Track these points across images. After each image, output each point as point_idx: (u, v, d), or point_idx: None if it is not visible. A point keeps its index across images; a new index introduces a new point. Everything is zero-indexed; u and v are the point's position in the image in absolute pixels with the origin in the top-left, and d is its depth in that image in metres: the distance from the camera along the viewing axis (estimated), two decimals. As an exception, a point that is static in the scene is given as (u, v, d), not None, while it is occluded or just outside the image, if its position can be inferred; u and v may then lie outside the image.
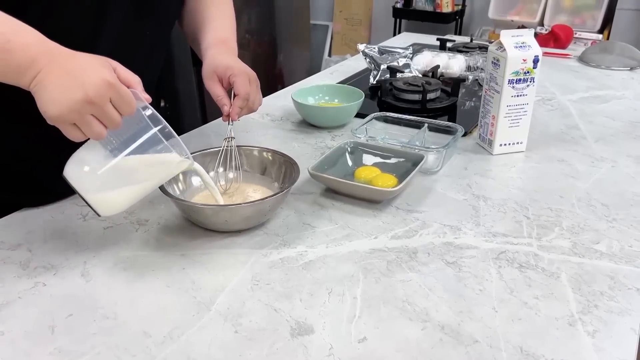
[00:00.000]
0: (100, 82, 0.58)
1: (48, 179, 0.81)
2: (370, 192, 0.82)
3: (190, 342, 0.57)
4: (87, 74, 0.58)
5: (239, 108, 0.83)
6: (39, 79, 0.59)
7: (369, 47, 1.43)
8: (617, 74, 1.50)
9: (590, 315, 0.60)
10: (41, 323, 0.59)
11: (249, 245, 0.73)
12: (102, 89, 0.58)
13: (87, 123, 0.59)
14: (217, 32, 0.93)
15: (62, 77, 0.58)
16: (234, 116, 0.83)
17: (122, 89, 0.60)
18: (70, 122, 0.59)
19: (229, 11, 0.99)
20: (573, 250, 0.72)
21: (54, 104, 0.58)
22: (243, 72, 0.84)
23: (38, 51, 0.59)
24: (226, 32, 0.94)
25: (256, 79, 0.86)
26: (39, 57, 0.59)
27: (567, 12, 3.00)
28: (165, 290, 0.64)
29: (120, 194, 0.66)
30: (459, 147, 1.02)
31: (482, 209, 0.82)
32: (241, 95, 0.83)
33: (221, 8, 0.97)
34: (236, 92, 0.83)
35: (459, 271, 0.68)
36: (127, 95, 0.60)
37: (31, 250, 0.71)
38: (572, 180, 0.91)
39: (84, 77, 0.58)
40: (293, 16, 3.37)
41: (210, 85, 0.85)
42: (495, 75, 0.96)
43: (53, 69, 0.59)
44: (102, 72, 0.59)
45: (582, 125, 1.14)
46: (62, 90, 0.58)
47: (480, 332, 0.58)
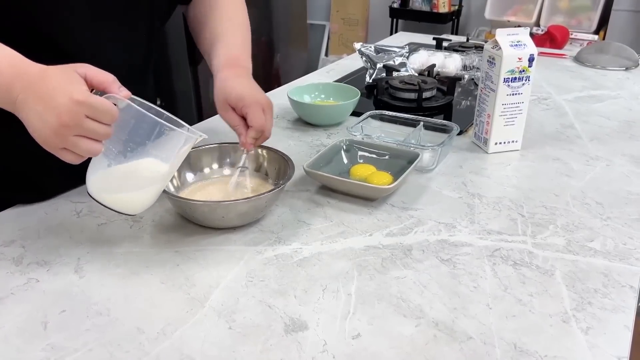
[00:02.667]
0: (69, 104, 0.57)
1: (42, 176, 0.81)
2: (365, 189, 0.82)
3: (183, 339, 0.57)
4: (56, 98, 0.57)
5: (253, 139, 0.80)
6: (18, 108, 0.60)
7: (365, 46, 1.43)
8: (612, 74, 1.50)
9: (584, 312, 0.60)
10: (34, 319, 0.59)
11: (243, 242, 0.73)
12: (74, 109, 0.57)
13: (74, 145, 0.59)
14: (229, 50, 0.89)
15: (36, 103, 0.58)
16: (249, 147, 0.80)
17: (94, 101, 0.58)
18: (59, 147, 0.59)
19: (243, 22, 0.95)
20: (567, 248, 0.72)
21: (36, 132, 0.59)
22: (256, 102, 0.80)
23: (10, 76, 0.60)
24: (238, 49, 0.90)
25: (270, 106, 0.82)
26: (13, 83, 0.60)
27: (563, 13, 3.01)
28: (159, 287, 0.64)
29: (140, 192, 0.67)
30: (455, 145, 1.02)
31: (477, 207, 0.82)
32: (255, 127, 0.79)
33: (234, 20, 0.93)
34: (250, 124, 0.79)
35: (453, 268, 0.68)
36: (101, 106, 0.58)
37: (24, 247, 0.71)
38: (566, 179, 0.91)
39: (54, 102, 0.57)
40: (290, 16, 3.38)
41: (224, 115, 0.82)
42: (491, 73, 0.96)
43: (27, 96, 0.59)
44: (71, 92, 0.57)
45: (577, 125, 1.14)
46: (39, 118, 0.58)
47: (474, 329, 0.58)
